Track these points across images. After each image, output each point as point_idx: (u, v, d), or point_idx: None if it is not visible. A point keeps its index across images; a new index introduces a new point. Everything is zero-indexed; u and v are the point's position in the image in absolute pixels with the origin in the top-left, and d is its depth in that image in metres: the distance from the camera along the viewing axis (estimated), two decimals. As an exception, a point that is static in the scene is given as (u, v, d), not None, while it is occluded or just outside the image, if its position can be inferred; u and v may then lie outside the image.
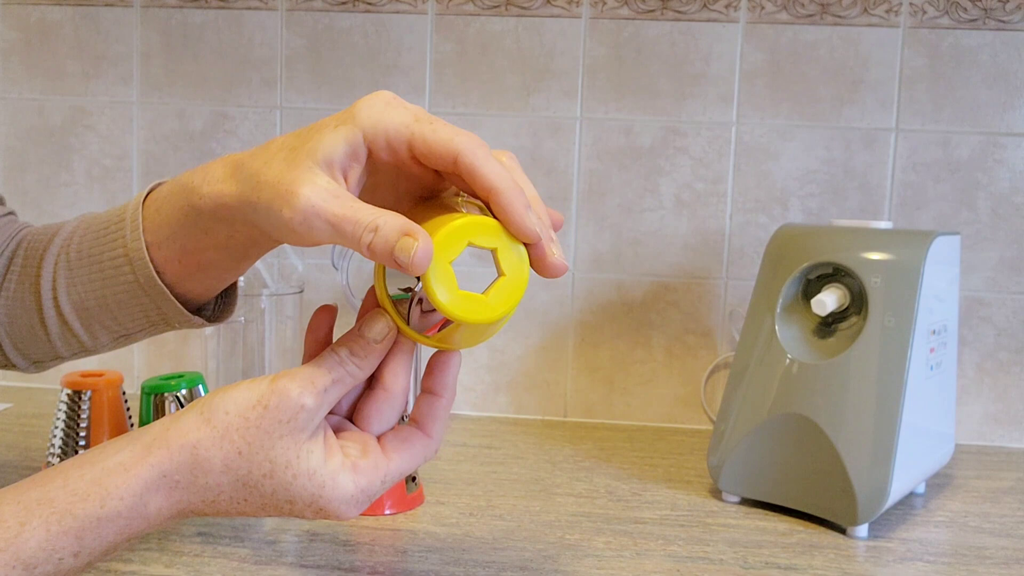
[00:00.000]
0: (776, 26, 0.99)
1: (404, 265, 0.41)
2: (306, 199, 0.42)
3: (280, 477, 0.43)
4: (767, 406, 0.75)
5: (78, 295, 0.58)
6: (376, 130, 0.44)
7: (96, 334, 0.59)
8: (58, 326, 0.59)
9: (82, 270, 0.57)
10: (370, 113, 0.44)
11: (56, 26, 1.06)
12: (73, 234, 0.59)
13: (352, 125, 0.44)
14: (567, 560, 0.64)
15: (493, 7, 1.01)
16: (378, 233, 0.41)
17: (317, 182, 0.43)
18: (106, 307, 0.57)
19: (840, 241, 0.75)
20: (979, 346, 1.00)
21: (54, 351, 0.61)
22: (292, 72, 1.04)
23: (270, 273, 0.97)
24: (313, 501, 0.44)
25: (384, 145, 0.44)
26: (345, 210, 0.42)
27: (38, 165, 1.08)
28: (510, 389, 1.06)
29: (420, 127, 0.43)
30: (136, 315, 0.57)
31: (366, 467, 0.45)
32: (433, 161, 0.43)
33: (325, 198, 0.42)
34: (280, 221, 0.44)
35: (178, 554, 0.62)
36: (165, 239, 0.53)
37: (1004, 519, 0.76)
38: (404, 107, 0.44)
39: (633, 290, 1.03)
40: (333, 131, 0.44)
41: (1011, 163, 0.98)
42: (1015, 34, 0.96)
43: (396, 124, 0.44)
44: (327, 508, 0.44)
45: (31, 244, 0.60)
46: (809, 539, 0.70)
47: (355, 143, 0.44)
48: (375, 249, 0.41)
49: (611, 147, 1.02)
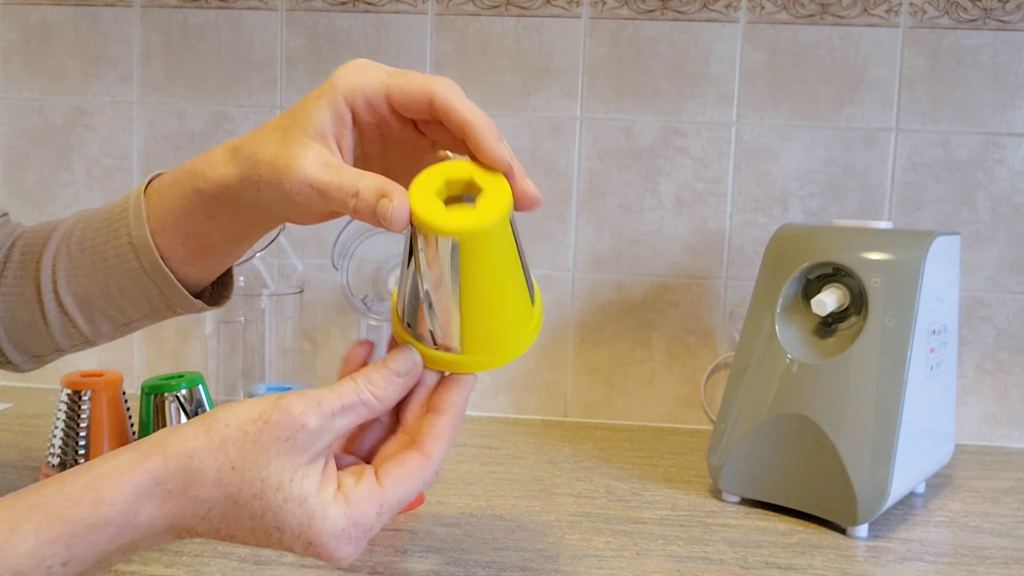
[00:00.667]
0: (776, 26, 0.99)
1: (385, 222, 0.43)
2: (301, 171, 0.45)
3: (270, 499, 0.41)
4: (767, 406, 0.75)
5: (80, 285, 0.58)
6: (354, 91, 0.46)
7: (97, 324, 0.60)
8: (59, 318, 0.59)
9: (84, 260, 0.58)
10: (346, 78, 0.47)
11: (56, 26, 1.06)
12: (73, 228, 0.60)
13: (332, 92, 0.47)
14: (567, 560, 0.64)
15: (493, 7, 1.01)
16: (359, 197, 0.44)
17: (310, 154, 0.46)
18: (108, 295, 0.58)
19: (840, 241, 0.75)
20: (979, 346, 1.00)
21: (54, 344, 0.61)
22: (292, 72, 1.04)
23: (270, 273, 0.98)
24: (302, 532, 0.42)
25: (364, 104, 0.47)
26: (331, 176, 0.45)
27: (38, 165, 1.08)
28: (510, 389, 1.06)
29: (394, 79, 0.46)
30: (139, 302, 0.58)
31: (358, 497, 0.43)
32: (411, 107, 0.46)
33: (316, 168, 0.45)
34: (281, 195, 0.46)
35: (178, 554, 0.62)
36: (169, 224, 0.55)
37: (1004, 519, 0.76)
38: (378, 67, 0.47)
39: (633, 290, 1.03)
40: (316, 102, 0.47)
41: (1011, 163, 0.98)
42: (1015, 34, 0.96)
43: (372, 82, 0.46)
44: (316, 542, 0.42)
45: (28, 241, 0.61)
46: (809, 539, 0.70)
47: (338, 109, 0.46)
48: (359, 211, 0.44)
49: (611, 147, 1.02)
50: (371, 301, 0.92)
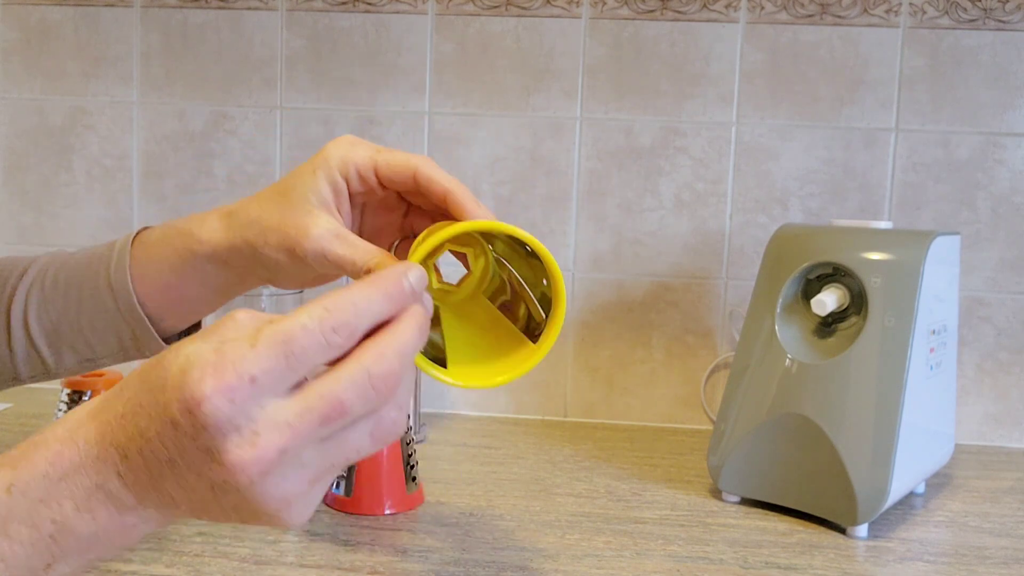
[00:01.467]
0: (776, 26, 0.99)
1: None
2: (316, 240, 0.50)
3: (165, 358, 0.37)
4: (767, 406, 0.75)
5: (49, 319, 0.61)
6: (347, 164, 0.52)
7: (62, 356, 0.62)
8: (24, 348, 0.61)
9: (57, 296, 0.60)
10: (338, 152, 0.52)
11: (56, 26, 1.06)
12: (50, 264, 0.62)
13: (327, 165, 0.52)
14: (567, 560, 0.64)
15: (493, 7, 1.01)
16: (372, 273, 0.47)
17: (320, 223, 0.51)
18: (78, 329, 0.61)
19: (840, 241, 0.75)
20: (979, 346, 1.00)
21: (14, 372, 0.62)
22: (292, 72, 1.04)
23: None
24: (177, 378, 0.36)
25: (355, 176, 0.52)
26: (345, 250, 0.50)
27: (38, 165, 1.08)
28: (510, 389, 1.06)
29: (381, 155, 0.52)
30: (108, 340, 0.61)
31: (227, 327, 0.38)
32: (395, 179, 0.52)
33: (330, 240, 0.50)
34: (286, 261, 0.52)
35: (178, 554, 0.62)
36: (152, 274, 0.58)
37: (1004, 519, 0.76)
38: (366, 143, 0.53)
39: (633, 290, 1.03)
40: (313, 175, 0.52)
41: (1011, 163, 0.98)
42: (1015, 34, 0.96)
43: (362, 156, 0.52)
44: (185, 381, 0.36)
45: (1, 269, 0.63)
46: (809, 539, 0.70)
47: (334, 180, 0.52)
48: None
49: (611, 147, 1.02)
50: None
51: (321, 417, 0.37)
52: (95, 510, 0.39)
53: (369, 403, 0.38)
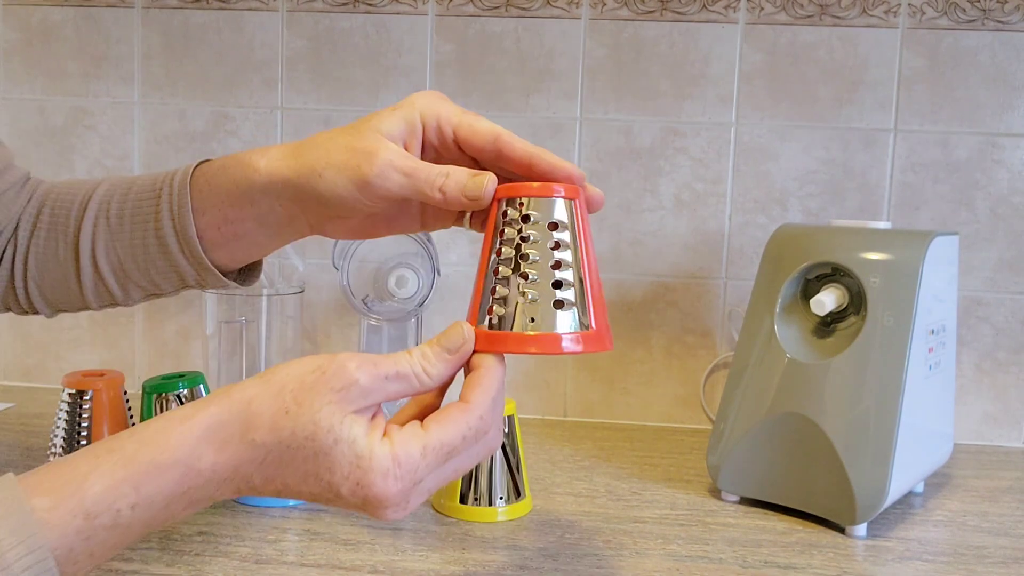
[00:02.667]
0: (775, 27, 0.99)
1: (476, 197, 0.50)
2: (384, 156, 0.51)
3: (321, 440, 0.43)
4: (766, 406, 0.75)
5: (117, 257, 0.63)
6: (431, 113, 0.54)
7: (129, 292, 0.65)
8: (93, 282, 0.64)
9: (123, 234, 0.62)
10: (426, 101, 0.54)
11: (57, 27, 1.06)
12: (111, 196, 0.64)
13: (411, 108, 0.54)
14: (567, 560, 0.64)
15: (493, 8, 1.01)
16: (449, 177, 0.51)
17: (390, 146, 0.52)
18: (144, 271, 0.63)
19: (839, 241, 0.75)
20: (978, 346, 1.00)
21: (84, 303, 0.66)
22: (293, 73, 1.04)
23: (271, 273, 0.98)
24: (351, 472, 0.43)
25: (435, 126, 0.54)
26: (417, 163, 0.52)
27: (39, 165, 1.08)
28: (510, 389, 1.06)
29: (467, 116, 0.54)
30: (172, 279, 0.63)
31: (402, 436, 0.44)
32: (476, 142, 0.53)
33: (400, 155, 0.52)
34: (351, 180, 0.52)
35: (179, 554, 0.63)
36: (210, 207, 0.60)
37: (1002, 518, 0.76)
38: (452, 103, 0.55)
39: (633, 290, 1.03)
40: (391, 113, 0.54)
41: (1010, 163, 0.98)
42: (1014, 34, 0.96)
43: (449, 111, 0.54)
44: (364, 481, 0.43)
45: (59, 202, 0.65)
46: (808, 538, 0.70)
47: (412, 121, 0.53)
48: (447, 190, 0.50)
49: (611, 147, 1.02)
50: (371, 301, 0.92)
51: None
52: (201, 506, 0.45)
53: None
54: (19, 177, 0.66)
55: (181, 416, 0.44)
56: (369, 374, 0.44)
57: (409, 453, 0.44)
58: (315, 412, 0.43)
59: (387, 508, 0.44)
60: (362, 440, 0.43)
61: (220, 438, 0.43)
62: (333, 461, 0.43)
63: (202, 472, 0.43)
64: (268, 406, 0.44)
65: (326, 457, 0.43)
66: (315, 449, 0.43)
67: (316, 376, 0.44)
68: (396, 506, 0.44)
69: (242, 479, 0.44)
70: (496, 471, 0.72)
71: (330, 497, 0.44)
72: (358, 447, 0.43)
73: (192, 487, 0.43)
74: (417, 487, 0.44)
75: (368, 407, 0.45)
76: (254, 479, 0.44)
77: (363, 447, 0.43)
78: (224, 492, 0.45)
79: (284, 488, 0.45)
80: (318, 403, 0.43)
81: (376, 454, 0.43)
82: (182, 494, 0.43)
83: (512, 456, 0.73)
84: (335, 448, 0.43)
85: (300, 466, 0.44)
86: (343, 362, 0.44)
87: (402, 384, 0.46)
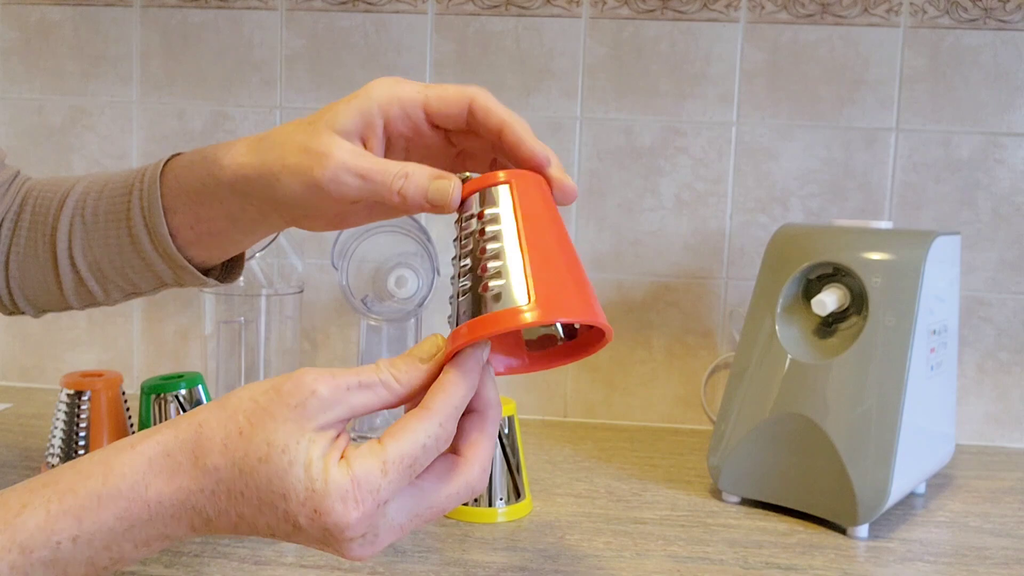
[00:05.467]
0: (776, 26, 0.99)
1: (441, 203, 0.46)
2: (337, 158, 0.47)
3: (275, 463, 0.39)
4: (767, 406, 0.75)
5: (94, 256, 0.61)
6: (390, 100, 0.49)
7: (110, 292, 0.63)
8: (73, 282, 0.62)
9: (98, 233, 0.61)
10: (381, 87, 0.49)
11: (56, 26, 1.06)
12: (87, 195, 0.62)
13: (366, 99, 0.49)
14: (567, 560, 0.64)
15: (493, 7, 1.01)
16: (408, 179, 0.46)
17: (344, 145, 0.48)
18: (120, 271, 0.61)
19: (840, 241, 0.75)
20: (979, 346, 1.00)
21: (65, 303, 0.64)
22: (292, 72, 1.04)
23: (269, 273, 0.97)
24: (307, 498, 0.39)
25: (399, 113, 0.49)
26: (373, 163, 0.47)
27: (38, 165, 1.08)
28: (510, 389, 1.06)
29: (431, 90, 0.49)
30: (149, 278, 0.62)
31: (359, 454, 0.40)
32: (448, 113, 0.49)
33: (354, 154, 0.48)
34: (305, 185, 0.48)
35: (178, 554, 0.62)
36: (181, 206, 0.57)
37: (1004, 519, 0.76)
38: (411, 82, 0.50)
39: (633, 290, 1.03)
40: (346, 105, 0.49)
41: (1011, 163, 0.98)
42: (1015, 34, 0.96)
43: (409, 92, 0.49)
44: (321, 508, 0.39)
45: (40, 200, 0.63)
46: (809, 539, 0.70)
47: (368, 113, 0.49)
48: (406, 193, 0.46)
49: (611, 147, 1.02)
50: (371, 301, 0.92)
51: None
52: (153, 546, 0.42)
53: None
54: (7, 177, 0.64)
55: (125, 445, 0.41)
56: (328, 384, 0.41)
57: (368, 471, 0.40)
58: (270, 432, 0.40)
59: (352, 540, 0.40)
60: (318, 463, 0.40)
61: (168, 466, 0.40)
62: (288, 487, 0.39)
63: (148, 504, 0.40)
64: (220, 428, 0.41)
65: (280, 482, 0.39)
66: (268, 473, 0.40)
67: (271, 395, 0.41)
68: (363, 538, 0.40)
69: (194, 512, 0.41)
70: (496, 472, 0.71)
71: (289, 530, 0.40)
72: (313, 470, 0.39)
73: (138, 522, 0.40)
74: (382, 511, 0.41)
75: (330, 424, 0.41)
76: (207, 511, 0.41)
77: (318, 470, 0.39)
78: (177, 529, 0.41)
79: (240, 521, 0.41)
80: (273, 423, 0.40)
81: (332, 477, 0.39)
82: (127, 529, 0.40)
83: (512, 457, 0.72)
84: (289, 472, 0.39)
85: (254, 494, 0.40)
86: (299, 376, 0.41)
87: (368, 394, 0.42)
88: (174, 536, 0.41)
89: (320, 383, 0.41)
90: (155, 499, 0.40)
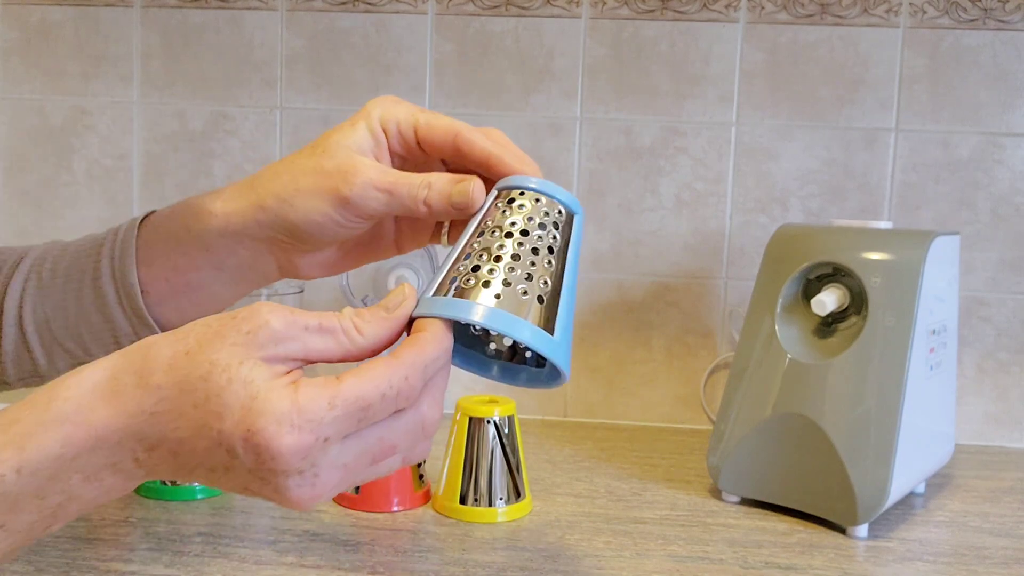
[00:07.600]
0: (776, 26, 0.99)
1: (464, 205, 0.48)
2: (364, 175, 0.49)
3: (215, 380, 0.38)
4: (767, 406, 0.75)
5: (44, 315, 0.57)
6: (388, 120, 0.51)
7: (54, 358, 0.58)
8: (15, 346, 0.58)
9: (55, 290, 0.57)
10: (382, 108, 0.52)
11: (56, 26, 1.06)
12: (46, 254, 0.59)
13: (368, 118, 0.51)
14: (567, 560, 0.64)
15: (493, 7, 1.01)
16: (432, 188, 0.49)
17: (367, 163, 0.50)
18: (73, 329, 0.57)
19: (840, 241, 0.75)
20: (979, 346, 1.00)
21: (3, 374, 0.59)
22: (292, 72, 1.04)
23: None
24: (243, 417, 0.37)
25: (396, 132, 0.52)
26: (397, 177, 0.49)
27: (38, 165, 1.08)
28: (510, 389, 1.06)
29: (424, 115, 0.52)
30: (105, 339, 0.57)
31: (309, 383, 0.38)
32: (436, 140, 0.51)
33: (378, 170, 0.50)
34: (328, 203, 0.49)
35: (179, 554, 0.62)
36: (158, 256, 0.55)
37: (1004, 519, 0.76)
38: (407, 103, 0.53)
39: (633, 290, 1.03)
40: (352, 127, 0.51)
41: (1011, 163, 0.98)
42: (1015, 34, 0.96)
43: (404, 114, 0.52)
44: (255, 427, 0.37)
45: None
46: (809, 539, 0.70)
47: (376, 132, 0.51)
48: (431, 201, 0.49)
49: (611, 147, 1.02)
50: (371, 301, 0.92)
51: (373, 458, 0.41)
52: (103, 479, 0.40)
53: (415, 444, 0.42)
54: None
55: (73, 372, 0.40)
56: (284, 319, 0.39)
57: (313, 399, 0.37)
58: (215, 351, 0.38)
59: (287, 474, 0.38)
60: (260, 382, 0.38)
61: (113, 388, 0.39)
62: (224, 404, 0.37)
63: (93, 427, 0.38)
64: (168, 348, 0.39)
65: (217, 399, 0.37)
66: (207, 391, 0.38)
67: (225, 320, 0.40)
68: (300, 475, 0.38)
69: (136, 440, 0.39)
70: (496, 472, 0.72)
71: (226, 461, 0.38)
72: (253, 388, 0.37)
73: (83, 450, 0.38)
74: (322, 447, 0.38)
75: (279, 357, 0.39)
76: (149, 437, 0.39)
77: (259, 387, 0.37)
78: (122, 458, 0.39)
79: (179, 448, 0.39)
80: (220, 343, 0.39)
81: (272, 397, 0.37)
82: (73, 458, 0.38)
83: (512, 457, 0.72)
84: (227, 388, 0.37)
85: (191, 414, 0.38)
86: (257, 306, 0.40)
87: (327, 339, 0.40)
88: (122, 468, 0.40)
89: (275, 315, 0.39)
90: (100, 423, 0.39)
